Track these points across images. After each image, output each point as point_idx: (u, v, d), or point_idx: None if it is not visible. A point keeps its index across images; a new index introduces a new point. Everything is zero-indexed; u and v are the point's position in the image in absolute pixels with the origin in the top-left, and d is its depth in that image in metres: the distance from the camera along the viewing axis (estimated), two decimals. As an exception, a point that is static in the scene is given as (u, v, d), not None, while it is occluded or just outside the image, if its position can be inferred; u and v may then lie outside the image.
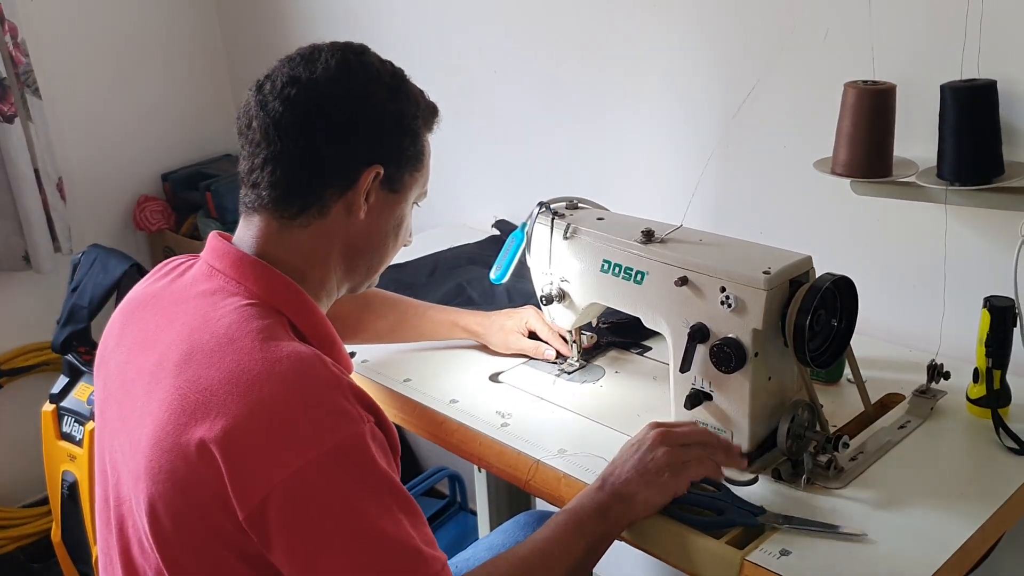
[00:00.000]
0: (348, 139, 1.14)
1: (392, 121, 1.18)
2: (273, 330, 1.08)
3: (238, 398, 1.01)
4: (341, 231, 1.18)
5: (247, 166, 1.16)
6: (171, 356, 1.08)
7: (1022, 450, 1.32)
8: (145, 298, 1.22)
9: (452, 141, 2.38)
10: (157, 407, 1.06)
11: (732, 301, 1.25)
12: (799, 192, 1.72)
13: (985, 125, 1.40)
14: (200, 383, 1.03)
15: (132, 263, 2.27)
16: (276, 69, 1.15)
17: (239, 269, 1.14)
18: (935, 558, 1.13)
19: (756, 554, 1.14)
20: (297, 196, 1.14)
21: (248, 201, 1.17)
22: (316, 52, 1.16)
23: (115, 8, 2.83)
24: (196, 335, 1.08)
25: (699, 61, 1.82)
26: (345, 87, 1.14)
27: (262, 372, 1.02)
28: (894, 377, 1.51)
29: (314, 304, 1.17)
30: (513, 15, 2.14)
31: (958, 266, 1.52)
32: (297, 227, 1.16)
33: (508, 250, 1.56)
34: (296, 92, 1.12)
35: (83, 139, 2.81)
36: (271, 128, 1.12)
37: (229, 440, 0.99)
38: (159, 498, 1.04)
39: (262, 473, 0.98)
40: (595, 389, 1.55)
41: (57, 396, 2.34)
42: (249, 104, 1.15)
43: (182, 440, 1.02)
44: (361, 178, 1.15)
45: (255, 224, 1.17)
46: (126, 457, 1.12)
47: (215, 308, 1.10)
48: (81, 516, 2.29)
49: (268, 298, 1.12)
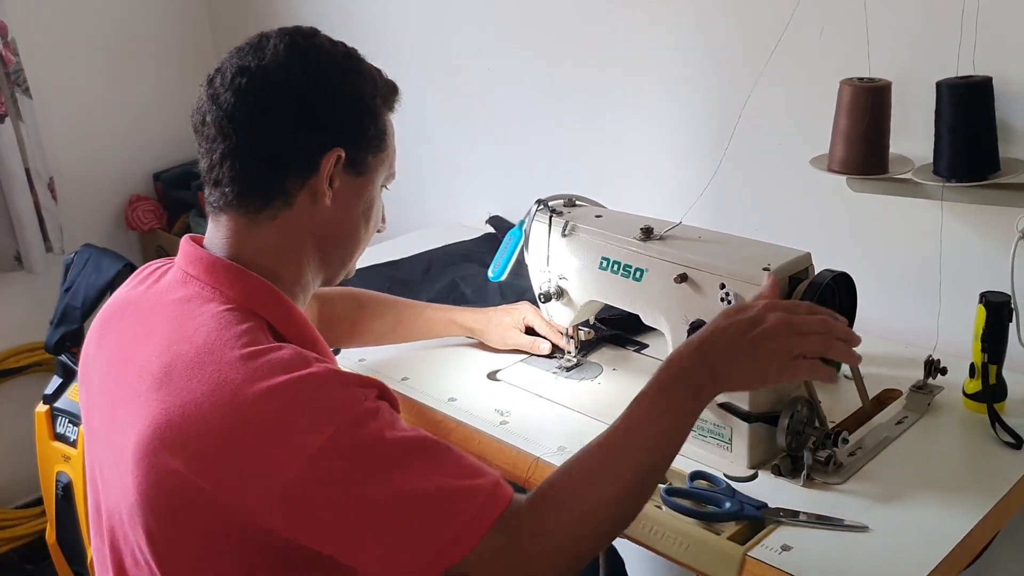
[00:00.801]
0: (303, 124, 1.10)
1: (348, 102, 1.13)
2: (253, 335, 1.04)
3: (224, 409, 0.98)
4: (309, 220, 1.14)
5: (206, 164, 1.12)
6: (151, 369, 1.05)
7: (1018, 444, 1.33)
8: (123, 305, 1.19)
9: (450, 140, 2.38)
10: (141, 422, 1.02)
11: (732, 298, 1.26)
12: (795, 189, 1.73)
13: (981, 122, 1.41)
14: (185, 396, 1.00)
15: (125, 263, 2.26)
16: (225, 61, 1.12)
17: (213, 274, 1.11)
18: (936, 552, 1.13)
19: (758, 549, 1.15)
20: (259, 189, 1.11)
21: (213, 201, 1.14)
22: (264, 39, 1.13)
23: (106, 7, 2.82)
24: (175, 347, 1.05)
25: (695, 59, 1.82)
26: (296, 71, 1.11)
27: (245, 380, 0.99)
28: (891, 373, 1.52)
29: (291, 304, 1.14)
30: (511, 14, 2.14)
31: (954, 262, 1.53)
32: (264, 220, 1.12)
33: (506, 248, 1.56)
34: (246, 81, 1.09)
35: (74, 139, 2.80)
36: (224, 121, 1.09)
37: (218, 454, 0.97)
38: (154, 517, 1.02)
39: (255, 486, 0.96)
40: (593, 386, 1.55)
41: (51, 397, 2.32)
42: (201, 99, 1.12)
43: (171, 462, 0.99)
44: (322, 163, 1.12)
45: (223, 224, 1.14)
46: (112, 470, 1.10)
47: (192, 316, 1.08)
48: (76, 517, 2.28)
49: (245, 302, 1.09)
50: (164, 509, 1.01)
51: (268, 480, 0.95)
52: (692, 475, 1.27)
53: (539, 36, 2.10)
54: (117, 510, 1.10)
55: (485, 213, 2.28)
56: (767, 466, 1.31)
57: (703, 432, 1.34)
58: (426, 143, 2.43)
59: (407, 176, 2.52)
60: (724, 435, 1.32)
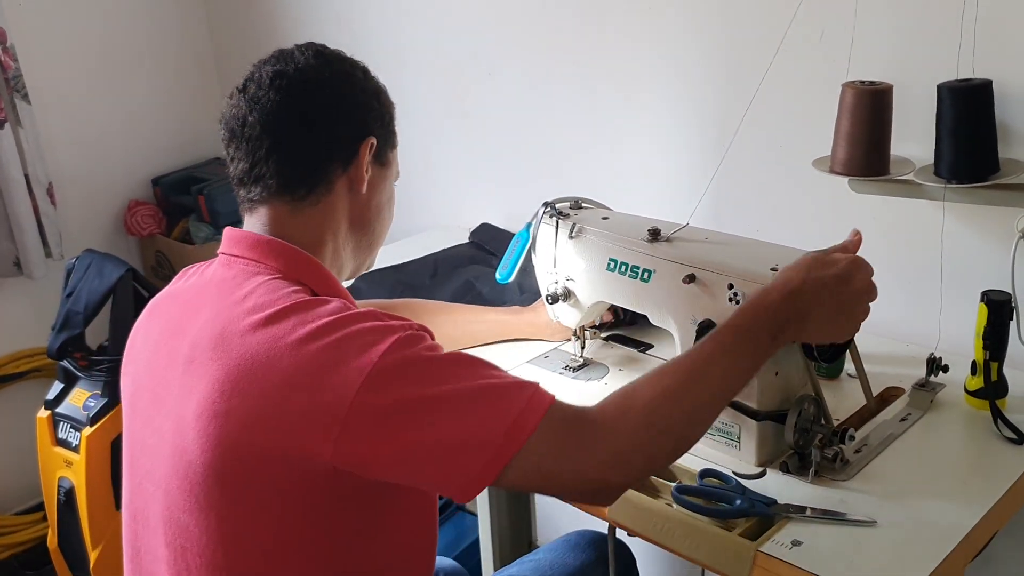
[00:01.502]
0: (342, 115, 1.21)
1: (373, 96, 1.25)
2: (301, 295, 1.12)
3: (283, 353, 1.03)
4: (346, 206, 1.23)
5: (246, 164, 1.19)
6: (204, 336, 1.10)
7: (1020, 440, 1.35)
8: (166, 298, 1.26)
9: (448, 142, 2.40)
10: (200, 384, 1.07)
11: (740, 298, 1.28)
12: (798, 191, 1.75)
13: (981, 124, 1.43)
14: (242, 351, 1.06)
15: (128, 268, 2.27)
16: (254, 71, 1.22)
17: (257, 250, 1.18)
18: (942, 546, 1.15)
19: (769, 545, 1.17)
20: (305, 177, 1.19)
21: (252, 196, 1.21)
22: (287, 51, 1.23)
23: (104, 13, 2.83)
24: (225, 312, 1.11)
25: (696, 62, 1.84)
26: (328, 71, 1.22)
27: (298, 325, 1.05)
28: (893, 371, 1.54)
29: (330, 273, 1.22)
30: (511, 17, 2.15)
31: (955, 262, 1.55)
32: (308, 206, 1.20)
33: (513, 250, 1.57)
34: (286, 82, 1.19)
35: (73, 144, 2.80)
36: (270, 118, 1.18)
37: (289, 389, 1.02)
38: (218, 474, 1.06)
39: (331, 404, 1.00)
40: (601, 387, 1.57)
41: (52, 402, 2.33)
42: (238, 106, 1.20)
43: (235, 412, 1.04)
44: (360, 150, 1.21)
45: (263, 215, 1.21)
46: (163, 443, 1.13)
47: (240, 287, 1.14)
48: (78, 522, 2.28)
49: (289, 272, 1.17)
50: (230, 462, 1.05)
51: (329, 410, 1.00)
52: (702, 473, 1.29)
53: (539, 39, 2.11)
54: (167, 482, 1.12)
55: (486, 216, 2.29)
56: (775, 463, 1.33)
57: (712, 430, 1.36)
58: (427, 146, 2.45)
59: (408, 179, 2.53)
60: (733, 433, 1.34)
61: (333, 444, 1.01)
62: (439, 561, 1.69)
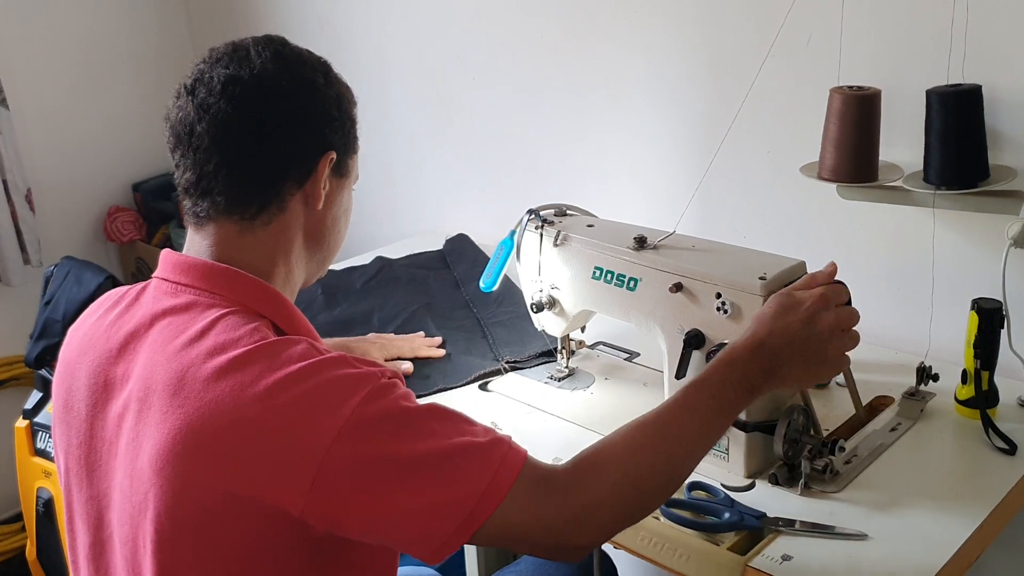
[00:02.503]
0: (301, 129, 1.12)
1: (334, 106, 1.16)
2: (263, 332, 1.05)
3: (250, 404, 0.98)
4: (300, 223, 1.15)
5: (193, 175, 1.10)
6: (157, 381, 1.03)
7: (1012, 450, 1.33)
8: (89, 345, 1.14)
9: (432, 148, 2.37)
10: (153, 431, 1.01)
11: (728, 307, 1.25)
12: (786, 197, 1.73)
13: (971, 130, 1.41)
14: (205, 398, 0.99)
15: (107, 276, 2.24)
16: (204, 71, 1.10)
17: (209, 279, 1.09)
18: (935, 559, 1.14)
19: (758, 559, 1.15)
20: (256, 195, 1.11)
21: (200, 211, 1.12)
22: (242, 49, 1.12)
23: (83, 16, 2.79)
24: (182, 354, 1.03)
25: (683, 67, 1.82)
26: (287, 78, 1.11)
27: (265, 370, 0.99)
28: (883, 380, 1.52)
29: (289, 301, 1.14)
30: (495, 20, 2.13)
31: (945, 269, 1.53)
32: (258, 227, 1.12)
33: (497, 258, 1.55)
34: (240, 90, 1.08)
35: (52, 150, 2.77)
36: (221, 130, 1.08)
37: (253, 448, 0.97)
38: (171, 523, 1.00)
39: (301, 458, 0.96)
40: (586, 396, 1.55)
41: (31, 412, 2.29)
42: (185, 110, 1.09)
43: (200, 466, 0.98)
44: (319, 166, 1.13)
45: (210, 233, 1.12)
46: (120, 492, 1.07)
47: (194, 322, 1.05)
48: (57, 533, 2.25)
49: (248, 303, 1.09)
50: (194, 517, 1.00)
51: (299, 465, 0.96)
52: (690, 485, 1.27)
53: (524, 44, 2.09)
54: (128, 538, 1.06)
55: (469, 223, 2.27)
56: (764, 475, 1.31)
57: (699, 442, 1.34)
58: (410, 152, 2.42)
59: (391, 185, 2.52)
60: (721, 444, 1.32)
61: (303, 499, 0.96)
62: (419, 571, 1.67)
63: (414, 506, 0.98)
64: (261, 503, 0.97)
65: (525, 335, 1.69)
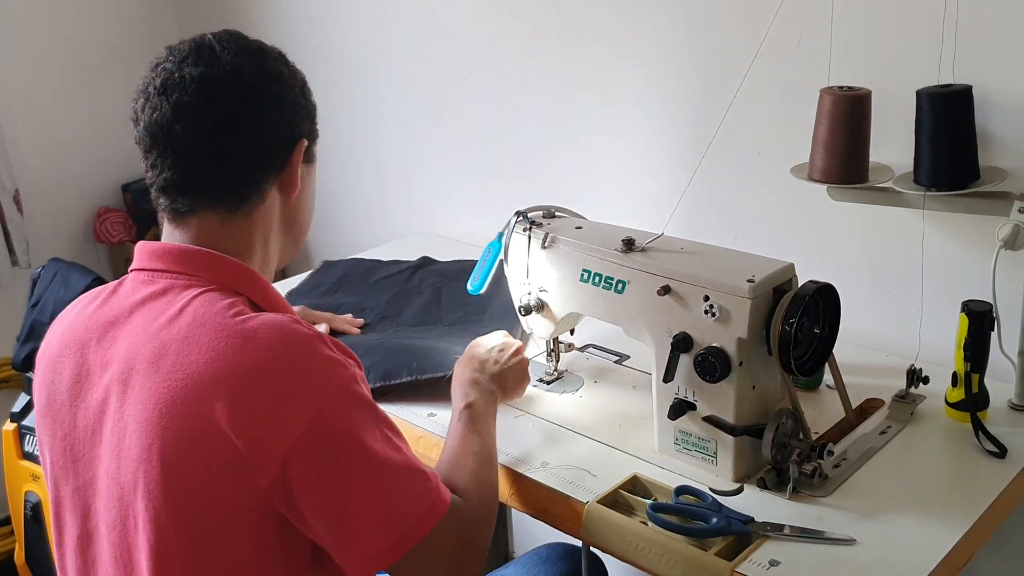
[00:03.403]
0: (277, 120, 1.15)
1: (300, 93, 1.19)
2: (239, 307, 1.08)
3: (229, 374, 1.01)
4: (278, 210, 1.19)
5: (173, 174, 1.11)
6: (139, 359, 1.06)
7: (1002, 453, 1.32)
8: (70, 338, 1.14)
9: (423, 149, 2.36)
10: (139, 409, 1.04)
11: (716, 310, 1.24)
12: (776, 199, 1.72)
13: (961, 130, 1.40)
14: (184, 371, 1.02)
15: (94, 277, 2.22)
16: (171, 71, 1.11)
17: (184, 262, 1.11)
18: (924, 565, 1.13)
19: (745, 565, 1.13)
20: (237, 189, 1.14)
21: (180, 207, 1.13)
22: (204, 46, 1.13)
23: (71, 15, 2.77)
24: (162, 332, 1.06)
25: (673, 69, 1.81)
26: (259, 72, 1.14)
27: (244, 345, 1.02)
28: (873, 383, 1.51)
29: (266, 281, 1.17)
30: (486, 22, 2.12)
31: (935, 271, 1.53)
32: (240, 217, 1.15)
33: (485, 260, 1.54)
34: (216, 88, 1.10)
35: (41, 150, 2.75)
36: (202, 129, 1.10)
37: (235, 416, 1.00)
38: (169, 496, 1.03)
39: (277, 436, 1.00)
40: (575, 400, 1.53)
41: (18, 415, 2.28)
42: (159, 110, 1.10)
43: (184, 430, 1.01)
44: (294, 157, 1.17)
45: (191, 225, 1.13)
46: (109, 478, 1.08)
47: (172, 304, 1.08)
48: (45, 537, 2.24)
49: (224, 281, 1.11)
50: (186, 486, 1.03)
51: (285, 434, 1.00)
52: (678, 490, 1.25)
53: (515, 45, 2.08)
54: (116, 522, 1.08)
55: (461, 223, 2.26)
56: (752, 479, 1.29)
57: (688, 445, 1.33)
58: (402, 153, 2.41)
59: (384, 186, 2.51)
60: (709, 448, 1.31)
61: (273, 476, 1.01)
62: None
63: (366, 504, 1.04)
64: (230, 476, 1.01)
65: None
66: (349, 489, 1.03)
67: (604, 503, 1.26)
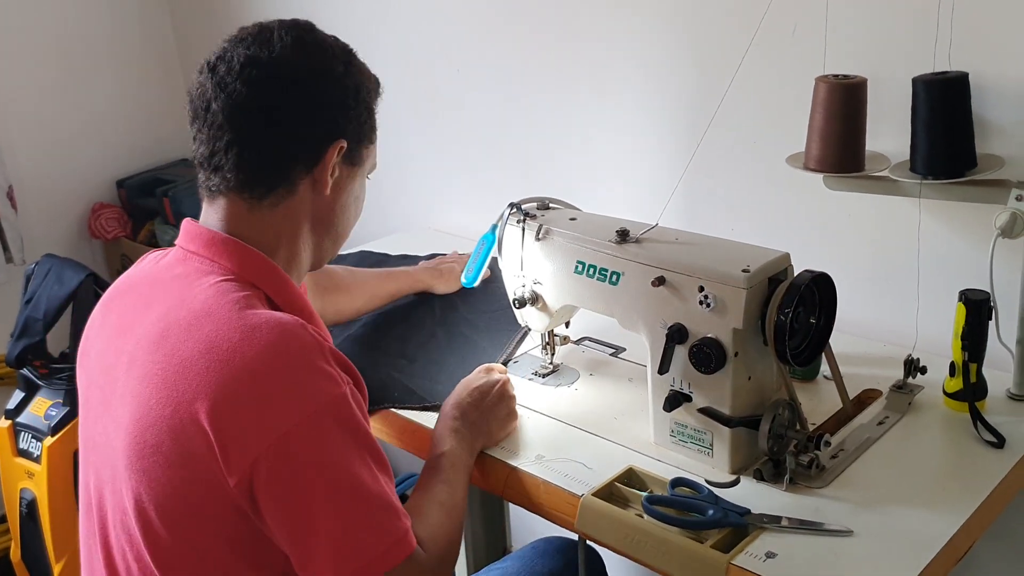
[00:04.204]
0: (313, 116, 1.15)
1: (351, 95, 1.19)
2: (250, 301, 1.09)
3: (220, 367, 1.02)
4: (308, 207, 1.19)
5: (207, 150, 1.15)
6: (148, 335, 1.09)
7: (1000, 443, 1.31)
8: (124, 286, 1.23)
9: (418, 142, 2.35)
10: (137, 385, 1.07)
11: (711, 300, 1.23)
12: (771, 188, 1.71)
13: (957, 118, 1.39)
14: (179, 356, 1.04)
15: (88, 273, 2.21)
16: (228, 50, 1.14)
17: (212, 248, 1.14)
18: (922, 556, 1.12)
19: (741, 557, 1.12)
20: (265, 176, 1.15)
21: (212, 185, 1.17)
22: (267, 31, 1.16)
23: (64, 11, 2.75)
24: (172, 313, 1.09)
25: (668, 57, 1.80)
26: (305, 64, 1.15)
27: (242, 340, 1.03)
28: (870, 373, 1.50)
29: (288, 277, 1.18)
30: (480, 13, 2.10)
31: (932, 260, 1.52)
32: (267, 207, 1.16)
33: (479, 253, 1.53)
34: (257, 72, 1.12)
35: (34, 146, 2.73)
36: (235, 110, 1.12)
37: (215, 409, 1.01)
38: (146, 475, 1.05)
39: (250, 439, 1.00)
40: (571, 392, 1.52)
41: (12, 412, 2.27)
42: (204, 86, 1.14)
43: (167, 414, 1.03)
44: (327, 153, 1.16)
45: (221, 207, 1.17)
46: (110, 440, 1.12)
47: (191, 287, 1.11)
48: (41, 534, 2.23)
49: (243, 273, 1.13)
50: (153, 471, 1.05)
51: (257, 438, 1.00)
52: (673, 482, 1.24)
53: (508, 36, 2.07)
54: (112, 486, 1.12)
55: (456, 216, 2.25)
56: (749, 471, 1.29)
57: (684, 437, 1.32)
58: (395, 145, 2.40)
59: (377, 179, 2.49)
60: (705, 440, 1.30)
61: (245, 478, 1.01)
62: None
63: (329, 526, 1.03)
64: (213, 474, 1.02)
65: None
66: (315, 508, 1.02)
67: (599, 496, 1.25)
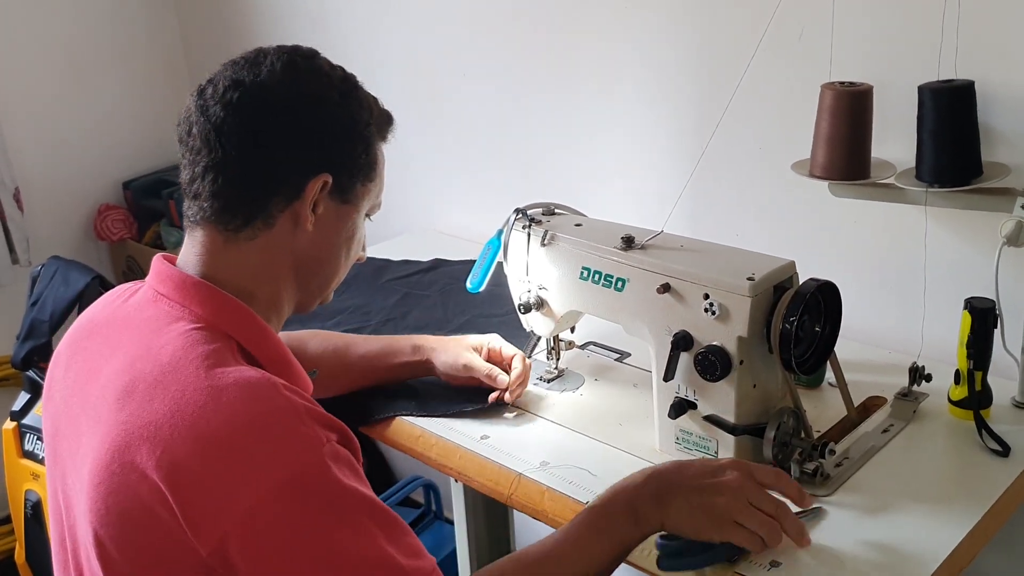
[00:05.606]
0: (292, 146, 1.07)
1: (342, 127, 1.11)
2: (220, 355, 1.01)
3: (184, 432, 0.94)
4: (289, 244, 1.11)
5: (188, 176, 1.08)
6: (112, 388, 1.02)
7: (1005, 451, 1.31)
8: (92, 325, 1.15)
9: (421, 145, 2.35)
10: (99, 443, 0.99)
11: (716, 308, 1.23)
12: (777, 195, 1.71)
13: (963, 126, 1.39)
14: (144, 417, 0.96)
15: (94, 275, 2.22)
16: (219, 73, 1.09)
17: (182, 292, 1.07)
18: (928, 564, 1.12)
19: (746, 566, 1.12)
20: (241, 207, 1.07)
21: (191, 215, 1.10)
22: (261, 55, 1.09)
23: (72, 14, 2.77)
24: (138, 364, 1.01)
25: (674, 64, 1.80)
26: (292, 91, 1.08)
27: (208, 403, 0.95)
28: (875, 380, 1.50)
29: (264, 324, 1.09)
30: (485, 18, 2.11)
31: (938, 268, 1.51)
32: (243, 240, 1.09)
33: (484, 258, 1.53)
34: (239, 96, 1.06)
35: (41, 148, 2.74)
36: (212, 134, 1.05)
37: (178, 478, 0.93)
38: (110, 541, 0.98)
39: (217, 510, 0.92)
40: (575, 398, 1.52)
41: (18, 413, 2.28)
42: (189, 110, 1.08)
43: (129, 479, 0.96)
44: (308, 187, 1.08)
45: (198, 240, 1.10)
46: (77, 496, 1.05)
47: (158, 335, 1.03)
48: (46, 536, 2.22)
49: (215, 321, 1.05)
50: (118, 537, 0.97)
51: (224, 513, 0.92)
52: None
53: (514, 40, 2.07)
54: (83, 541, 1.05)
55: (460, 220, 2.25)
56: (753, 479, 1.28)
57: (689, 445, 1.32)
58: (400, 149, 2.38)
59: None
60: (710, 448, 1.30)
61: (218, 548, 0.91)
62: None
63: None
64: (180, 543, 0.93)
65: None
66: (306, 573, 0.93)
67: (604, 503, 1.24)
